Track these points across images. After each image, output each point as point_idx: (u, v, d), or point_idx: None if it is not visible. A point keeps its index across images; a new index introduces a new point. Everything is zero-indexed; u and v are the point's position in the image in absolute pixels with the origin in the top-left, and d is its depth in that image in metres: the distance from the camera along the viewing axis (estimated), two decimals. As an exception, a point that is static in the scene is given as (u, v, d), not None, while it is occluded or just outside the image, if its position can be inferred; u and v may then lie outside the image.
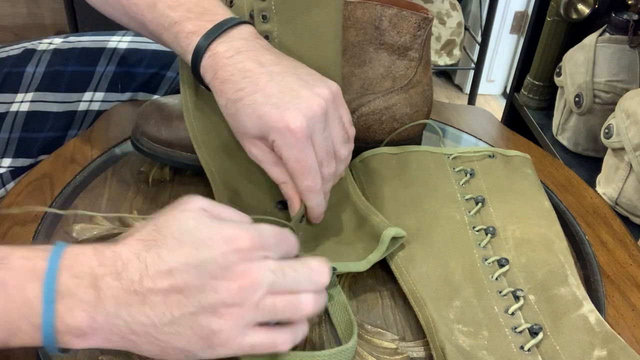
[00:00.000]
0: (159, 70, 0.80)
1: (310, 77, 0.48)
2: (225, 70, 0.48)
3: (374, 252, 0.51)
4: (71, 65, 0.76)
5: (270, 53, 0.49)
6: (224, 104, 0.49)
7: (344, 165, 0.52)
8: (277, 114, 0.45)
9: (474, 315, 0.47)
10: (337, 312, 0.48)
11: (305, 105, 0.46)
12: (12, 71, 0.74)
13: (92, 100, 0.77)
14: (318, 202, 0.50)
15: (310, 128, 0.46)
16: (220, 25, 0.49)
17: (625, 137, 1.02)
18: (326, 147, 0.48)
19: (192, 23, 0.50)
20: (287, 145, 0.46)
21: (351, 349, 0.44)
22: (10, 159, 0.74)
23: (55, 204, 0.57)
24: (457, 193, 0.59)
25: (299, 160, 0.47)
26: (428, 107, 0.65)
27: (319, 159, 0.48)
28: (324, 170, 0.49)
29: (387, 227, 0.51)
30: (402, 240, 0.53)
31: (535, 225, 0.56)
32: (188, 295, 0.37)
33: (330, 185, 0.51)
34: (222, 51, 0.48)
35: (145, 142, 0.61)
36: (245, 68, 0.47)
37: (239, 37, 0.49)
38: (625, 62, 1.22)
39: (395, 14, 0.59)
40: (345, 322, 0.47)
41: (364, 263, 0.50)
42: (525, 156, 0.65)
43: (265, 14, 0.53)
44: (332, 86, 0.49)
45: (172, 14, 0.51)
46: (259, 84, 0.46)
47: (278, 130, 0.46)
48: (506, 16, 2.19)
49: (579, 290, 0.50)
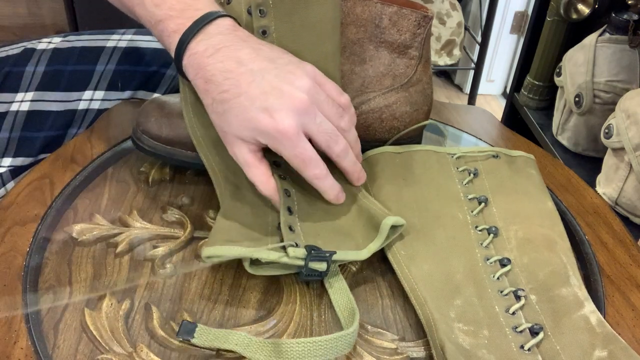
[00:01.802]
0: (159, 68, 0.80)
1: (288, 68, 0.50)
2: (206, 71, 0.49)
3: (374, 241, 0.51)
4: (71, 64, 0.76)
5: (247, 46, 0.50)
6: (209, 103, 0.50)
7: (351, 133, 0.54)
8: (265, 118, 0.47)
9: (474, 314, 0.47)
10: (339, 299, 0.49)
11: (290, 102, 0.47)
12: (12, 71, 0.74)
13: (92, 99, 0.77)
14: (329, 185, 0.52)
15: (300, 124, 0.48)
16: (198, 22, 0.50)
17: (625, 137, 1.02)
18: (325, 130, 0.50)
19: (173, 22, 0.51)
20: (282, 146, 0.48)
21: (352, 335, 0.44)
22: (11, 158, 0.74)
23: (55, 204, 0.57)
24: (460, 192, 0.59)
25: (297, 156, 0.49)
26: (428, 106, 0.65)
27: (324, 144, 0.50)
28: (336, 149, 0.51)
29: (386, 215, 0.52)
30: (401, 229, 0.53)
31: (538, 226, 0.56)
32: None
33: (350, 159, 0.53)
34: (201, 50, 0.50)
35: (146, 140, 0.61)
36: (226, 68, 0.49)
37: (216, 33, 0.50)
38: (625, 62, 1.22)
39: (395, 11, 0.59)
40: (347, 309, 0.48)
41: (364, 252, 0.50)
42: (529, 156, 0.65)
43: (262, 9, 0.53)
44: (309, 70, 0.51)
45: (157, 12, 0.52)
46: (241, 86, 0.48)
47: (269, 134, 0.47)
48: (506, 16, 2.19)
49: (581, 290, 0.50)
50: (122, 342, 0.45)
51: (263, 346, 0.43)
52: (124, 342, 0.45)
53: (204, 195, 0.61)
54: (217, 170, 0.56)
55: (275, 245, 0.48)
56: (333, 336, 0.43)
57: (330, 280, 0.50)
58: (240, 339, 0.44)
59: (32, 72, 0.74)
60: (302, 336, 0.47)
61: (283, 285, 0.51)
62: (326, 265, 0.48)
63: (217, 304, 0.49)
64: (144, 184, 0.62)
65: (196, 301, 0.49)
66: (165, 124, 0.60)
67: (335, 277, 0.51)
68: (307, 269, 0.48)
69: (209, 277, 0.51)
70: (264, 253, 0.47)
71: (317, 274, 0.49)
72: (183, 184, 0.62)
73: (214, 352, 0.44)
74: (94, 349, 0.44)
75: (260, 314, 0.48)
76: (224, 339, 0.44)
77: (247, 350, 0.43)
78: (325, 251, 0.48)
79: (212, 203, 0.59)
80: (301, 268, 0.48)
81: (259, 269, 0.50)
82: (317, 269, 0.48)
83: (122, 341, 0.45)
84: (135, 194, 0.60)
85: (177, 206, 0.59)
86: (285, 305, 0.49)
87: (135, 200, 0.59)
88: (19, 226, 0.54)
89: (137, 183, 0.62)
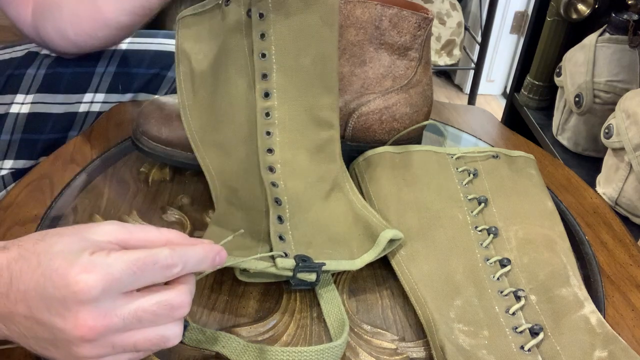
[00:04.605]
0: (159, 70, 0.80)
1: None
2: None
3: (368, 252, 0.51)
4: (71, 66, 0.76)
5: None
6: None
7: None
8: None
9: (474, 314, 0.47)
10: (329, 310, 0.48)
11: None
12: (13, 73, 0.74)
13: (92, 102, 0.77)
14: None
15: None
16: None
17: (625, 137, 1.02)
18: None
19: None
20: None
21: (340, 347, 0.44)
22: (12, 161, 0.74)
23: (55, 204, 0.57)
24: (460, 193, 0.59)
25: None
26: (428, 107, 0.65)
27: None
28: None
29: (385, 228, 0.51)
30: (398, 242, 0.52)
31: (538, 226, 0.56)
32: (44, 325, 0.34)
33: None
34: None
35: (145, 141, 0.61)
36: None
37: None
38: (625, 62, 1.22)
39: (395, 13, 0.59)
40: (337, 321, 0.47)
41: (358, 262, 0.50)
42: (529, 157, 0.65)
43: (262, 12, 0.53)
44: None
45: None
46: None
47: None
48: (506, 16, 2.19)
49: (581, 291, 0.50)
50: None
51: (249, 351, 0.43)
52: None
53: (204, 195, 0.61)
54: (213, 173, 0.56)
55: (265, 254, 0.48)
56: (320, 347, 0.43)
57: (320, 291, 0.50)
58: (228, 341, 0.44)
59: (33, 74, 0.74)
60: (302, 336, 0.47)
61: (283, 285, 0.51)
62: (315, 275, 0.48)
63: (217, 304, 0.49)
64: (144, 184, 0.62)
65: (196, 301, 0.49)
66: (165, 125, 0.60)
67: (327, 287, 0.50)
68: (295, 280, 0.48)
69: (208, 278, 0.51)
70: (252, 263, 0.47)
71: (306, 284, 0.49)
72: (183, 185, 0.62)
73: (214, 353, 0.45)
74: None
75: (260, 315, 0.49)
76: (213, 341, 0.44)
77: (233, 354, 0.43)
78: (315, 262, 0.48)
79: (212, 203, 0.59)
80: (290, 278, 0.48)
81: (250, 276, 0.50)
82: (306, 279, 0.48)
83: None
84: (135, 194, 0.60)
85: (176, 206, 0.59)
86: (285, 305, 0.49)
87: (135, 200, 0.59)
88: (19, 226, 0.54)
89: (137, 183, 0.62)
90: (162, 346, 0.37)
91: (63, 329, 0.34)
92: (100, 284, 0.34)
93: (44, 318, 0.34)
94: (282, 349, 0.43)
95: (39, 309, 0.34)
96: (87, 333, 0.34)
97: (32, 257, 0.35)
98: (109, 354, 0.36)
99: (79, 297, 0.33)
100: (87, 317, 0.34)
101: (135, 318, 0.35)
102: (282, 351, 0.43)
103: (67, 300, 0.34)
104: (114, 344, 0.35)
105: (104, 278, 0.34)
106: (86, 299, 0.33)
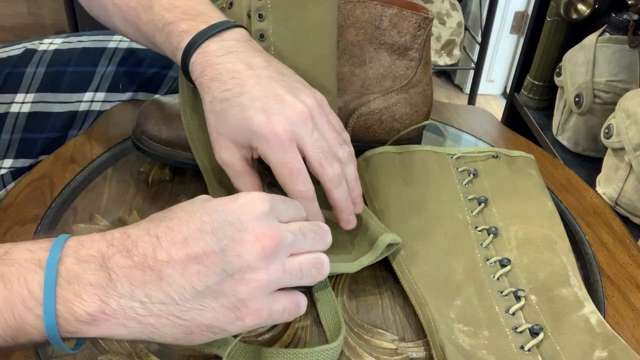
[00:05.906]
0: (160, 70, 0.80)
1: (296, 84, 0.48)
2: (214, 69, 0.48)
3: (366, 256, 0.51)
4: (72, 65, 0.76)
5: (260, 55, 0.49)
6: (209, 100, 0.48)
7: (350, 167, 0.50)
8: (261, 119, 0.45)
9: (474, 314, 0.47)
10: (326, 312, 0.48)
11: (289, 110, 0.46)
12: (12, 72, 0.74)
13: (93, 101, 0.77)
14: (314, 211, 0.47)
15: (295, 132, 0.45)
16: (215, 26, 0.50)
17: (625, 137, 1.02)
18: (321, 147, 0.47)
19: (186, 23, 0.51)
20: (271, 150, 0.45)
21: (335, 349, 0.44)
22: (12, 160, 0.74)
23: (55, 204, 0.57)
24: (460, 193, 0.59)
25: (285, 164, 0.45)
26: (428, 107, 0.65)
27: (316, 162, 0.47)
28: (328, 171, 0.47)
29: (384, 232, 0.51)
30: (396, 246, 0.52)
31: (538, 226, 0.56)
32: (208, 263, 0.34)
33: (342, 191, 0.48)
34: (213, 49, 0.49)
35: (145, 141, 0.61)
36: (234, 69, 0.48)
37: (231, 38, 0.50)
38: (625, 62, 1.22)
39: (395, 13, 0.59)
40: (333, 323, 0.47)
41: (355, 264, 0.50)
42: (529, 157, 0.65)
43: (261, 13, 0.53)
44: (318, 96, 0.49)
45: (167, 15, 0.52)
46: (245, 86, 0.47)
47: (262, 136, 0.45)
48: (506, 16, 2.19)
49: (581, 291, 0.50)
50: (122, 343, 0.45)
51: (244, 352, 0.43)
52: (124, 343, 0.45)
53: (204, 195, 0.61)
54: (211, 174, 0.56)
55: None
56: (316, 349, 0.43)
57: (317, 294, 0.50)
58: (226, 343, 0.44)
59: (32, 73, 0.74)
60: (300, 338, 0.47)
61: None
62: None
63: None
64: (144, 184, 0.62)
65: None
66: (165, 125, 0.60)
67: (324, 289, 0.50)
68: None
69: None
70: None
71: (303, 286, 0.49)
72: (183, 184, 0.62)
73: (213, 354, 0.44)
74: (94, 349, 0.44)
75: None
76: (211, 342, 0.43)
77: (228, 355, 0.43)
78: None
79: (212, 204, 0.59)
80: None
81: None
82: None
83: (122, 342, 0.45)
84: (135, 194, 0.60)
85: (177, 207, 0.59)
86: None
87: (135, 200, 0.59)
88: (19, 226, 0.54)
89: (137, 183, 0.62)
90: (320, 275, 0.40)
91: (240, 252, 0.35)
92: (267, 203, 0.38)
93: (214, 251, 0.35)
94: (278, 351, 0.43)
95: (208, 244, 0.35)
96: (267, 243, 0.36)
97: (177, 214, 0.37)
98: (279, 278, 0.37)
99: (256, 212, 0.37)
100: (264, 228, 0.36)
101: (301, 233, 0.39)
102: (278, 353, 0.43)
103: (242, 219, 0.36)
104: (284, 266, 0.37)
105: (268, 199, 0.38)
106: (261, 212, 0.37)
